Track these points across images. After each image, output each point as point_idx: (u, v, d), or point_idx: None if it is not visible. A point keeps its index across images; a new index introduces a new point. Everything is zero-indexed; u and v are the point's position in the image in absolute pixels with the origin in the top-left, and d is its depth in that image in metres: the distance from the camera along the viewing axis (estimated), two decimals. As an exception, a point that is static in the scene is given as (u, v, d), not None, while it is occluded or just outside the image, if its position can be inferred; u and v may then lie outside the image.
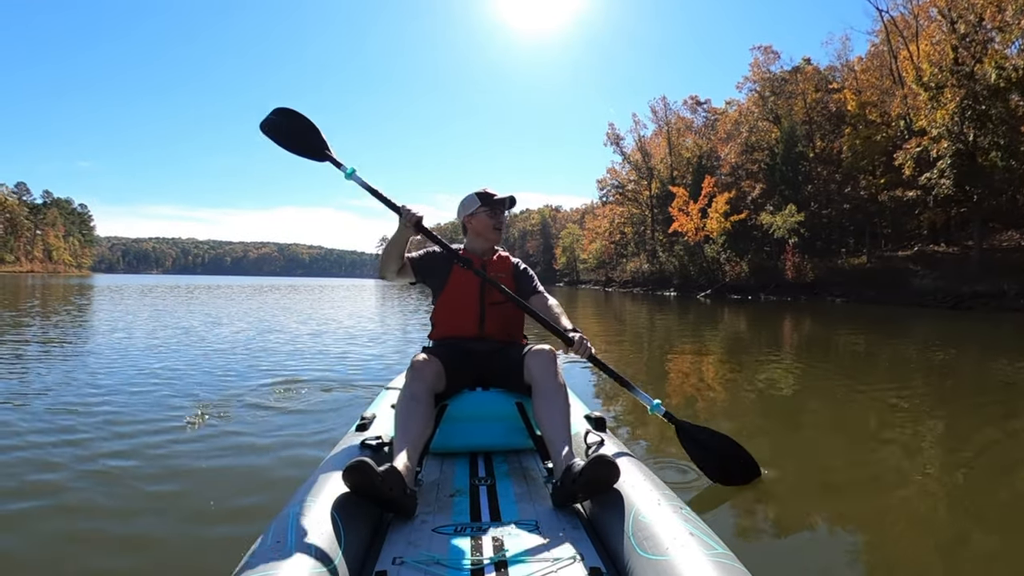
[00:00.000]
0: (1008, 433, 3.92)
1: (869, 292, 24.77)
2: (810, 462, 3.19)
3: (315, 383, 4.86)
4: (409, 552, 1.44)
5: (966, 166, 21.86)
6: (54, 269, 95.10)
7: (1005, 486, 2.90)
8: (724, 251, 34.81)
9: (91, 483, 2.54)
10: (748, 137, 37.48)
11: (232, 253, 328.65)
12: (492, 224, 2.40)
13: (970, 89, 21.43)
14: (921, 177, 23.45)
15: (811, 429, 4.06)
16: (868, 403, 4.74)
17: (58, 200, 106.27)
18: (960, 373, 6.88)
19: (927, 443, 3.64)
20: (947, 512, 2.53)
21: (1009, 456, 3.37)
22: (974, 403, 4.88)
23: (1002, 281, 20.03)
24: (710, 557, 1.22)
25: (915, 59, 25.10)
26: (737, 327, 13.49)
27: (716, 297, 30.49)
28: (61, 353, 6.51)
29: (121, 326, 9.82)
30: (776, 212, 30.48)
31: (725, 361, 7.37)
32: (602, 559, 1.42)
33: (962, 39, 22.28)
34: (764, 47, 36.66)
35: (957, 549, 2.18)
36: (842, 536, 2.26)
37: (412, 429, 1.85)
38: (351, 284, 66.83)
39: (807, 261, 29.98)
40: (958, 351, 9.08)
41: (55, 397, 4.16)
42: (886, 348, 9.31)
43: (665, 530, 1.34)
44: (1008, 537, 2.26)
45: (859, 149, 29.28)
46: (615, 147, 49.58)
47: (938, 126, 22.26)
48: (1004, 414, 4.46)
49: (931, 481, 2.93)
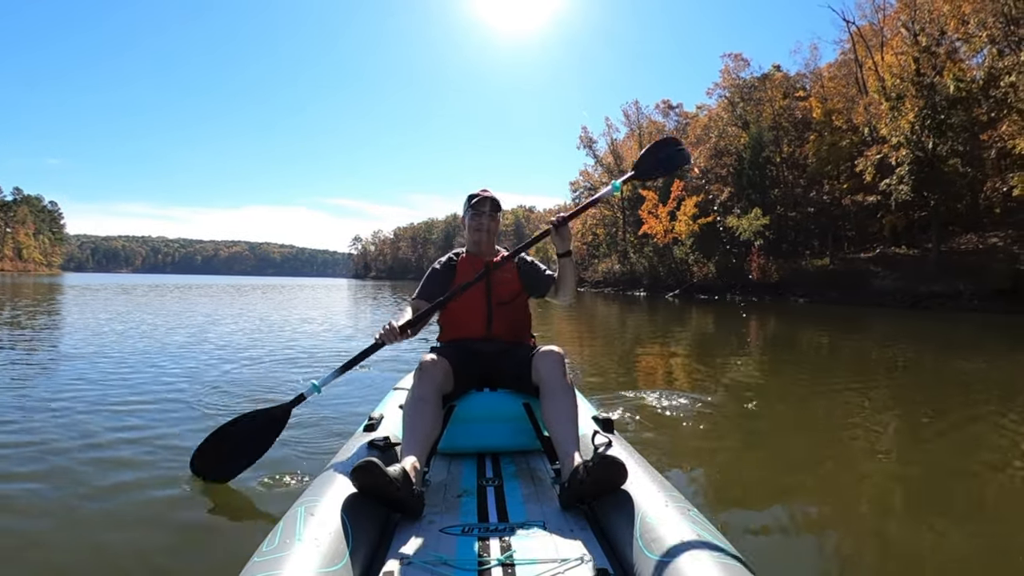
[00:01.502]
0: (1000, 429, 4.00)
1: (831, 292, 25.47)
2: (818, 464, 3.21)
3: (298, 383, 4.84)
4: (416, 552, 1.44)
5: (924, 172, 22.64)
6: (24, 268, 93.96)
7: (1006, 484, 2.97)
8: (692, 252, 35.44)
9: (97, 484, 2.52)
10: (717, 142, 38.22)
11: (203, 252, 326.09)
12: (474, 225, 2.44)
13: (929, 100, 22.22)
14: (881, 183, 24.20)
15: (813, 429, 4.07)
16: (869, 402, 4.80)
17: (28, 197, 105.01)
18: (939, 371, 7.11)
19: (929, 446, 3.65)
20: (955, 513, 2.54)
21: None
22: (964, 403, 4.98)
23: (958, 282, 20.80)
24: (717, 559, 1.21)
25: (879, 69, 25.89)
26: (704, 326, 13.75)
27: (684, 297, 31.00)
28: (51, 355, 6.30)
29: (113, 327, 9.35)
30: (743, 215, 31.17)
31: (694, 359, 7.49)
32: (609, 560, 1.42)
33: (924, 51, 23.07)
34: (735, 55, 37.49)
35: (967, 549, 2.20)
36: (850, 539, 2.26)
37: (420, 429, 1.86)
38: (327, 284, 66.15)
39: (772, 263, 30.72)
40: (919, 349, 9.42)
41: (52, 399, 4.09)
42: (856, 345, 9.62)
43: (673, 532, 1.34)
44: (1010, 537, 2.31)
45: (824, 155, 30.16)
46: (588, 150, 50.32)
47: (898, 135, 23.01)
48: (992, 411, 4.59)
49: (939, 485, 2.92)
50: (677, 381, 5.79)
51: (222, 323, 10.84)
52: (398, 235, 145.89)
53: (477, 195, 2.46)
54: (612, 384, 5.27)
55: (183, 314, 12.73)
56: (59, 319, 11.09)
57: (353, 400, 4.18)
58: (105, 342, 7.38)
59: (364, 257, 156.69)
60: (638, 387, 4.85)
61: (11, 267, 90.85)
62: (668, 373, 6.34)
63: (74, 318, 11.33)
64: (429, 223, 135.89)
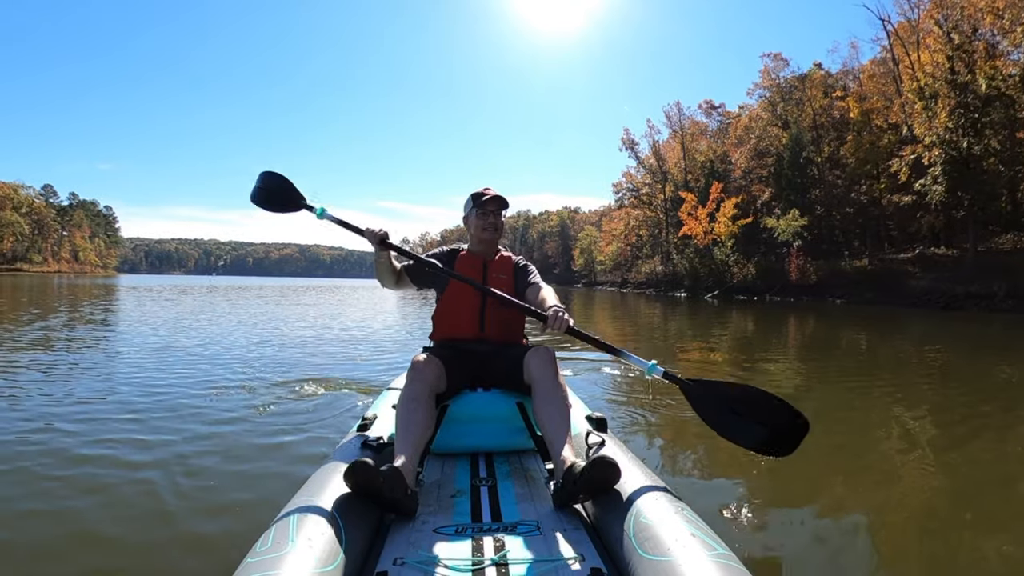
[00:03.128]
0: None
1: (868, 293, 25.75)
2: (811, 461, 3.14)
3: (317, 382, 4.83)
4: (410, 552, 1.44)
5: (958, 172, 22.79)
6: (80, 269, 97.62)
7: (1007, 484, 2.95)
8: (733, 253, 35.90)
9: (92, 483, 2.53)
10: (758, 143, 38.60)
11: (254, 254, 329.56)
12: (482, 225, 2.39)
13: (961, 99, 22.42)
14: (916, 183, 24.49)
15: (816, 429, 4.13)
16: (869, 401, 4.78)
17: (84, 202, 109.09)
18: (959, 373, 7.06)
19: (927, 442, 3.63)
20: (949, 511, 2.55)
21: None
22: (966, 402, 4.97)
23: (993, 282, 20.81)
24: (711, 558, 1.22)
25: (914, 68, 26.02)
26: (745, 327, 13.83)
27: (723, 298, 31.39)
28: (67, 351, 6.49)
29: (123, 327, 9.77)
30: (782, 216, 31.70)
31: (733, 358, 7.57)
32: (603, 560, 1.42)
33: (956, 49, 23.24)
34: (774, 54, 37.85)
35: (960, 549, 2.19)
36: (843, 536, 2.25)
37: (413, 429, 1.85)
38: (377, 285, 64.79)
39: (810, 263, 31.07)
40: (951, 349, 9.44)
41: (48, 396, 4.18)
42: (884, 346, 9.71)
43: (666, 531, 1.34)
44: (1010, 536, 2.29)
45: (863, 155, 30.36)
46: (630, 152, 50.48)
47: (931, 134, 23.28)
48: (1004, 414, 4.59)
49: (934, 480, 2.94)
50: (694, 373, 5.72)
51: (253, 324, 10.71)
52: (444, 237, 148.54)
53: (483, 193, 2.40)
54: (627, 383, 5.27)
55: (225, 315, 12.89)
56: (121, 319, 11.49)
57: (346, 400, 4.14)
58: (122, 343, 7.41)
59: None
60: (644, 385, 4.83)
61: (68, 269, 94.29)
62: (690, 372, 6.40)
63: (129, 318, 11.70)
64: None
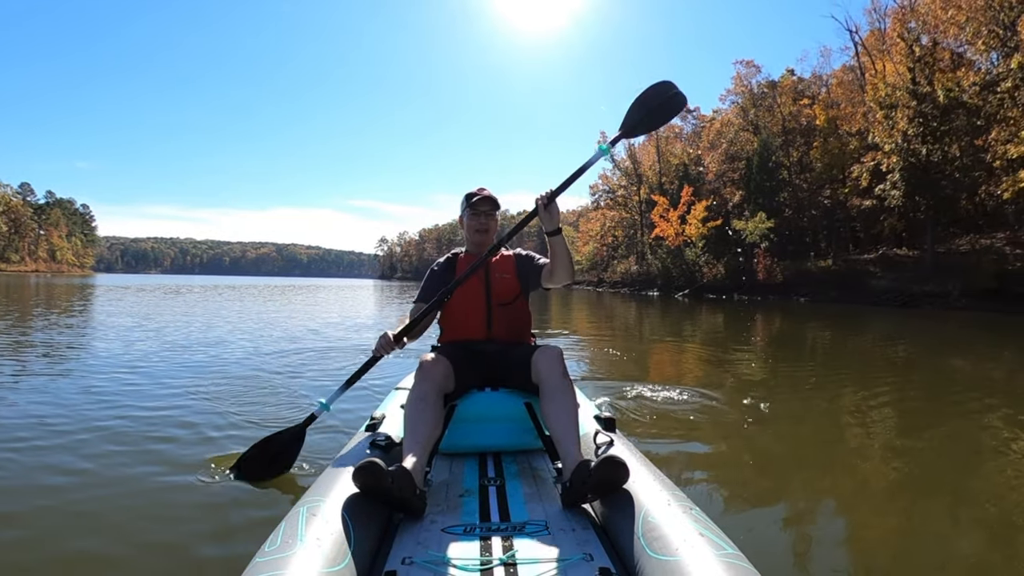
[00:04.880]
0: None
1: (831, 292, 26.66)
2: (818, 461, 3.20)
3: (325, 381, 4.87)
4: (418, 552, 1.44)
5: (916, 178, 23.78)
6: (57, 269, 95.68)
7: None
8: (703, 254, 36.83)
9: (100, 483, 2.55)
10: (729, 147, 39.53)
11: (230, 253, 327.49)
12: (474, 226, 2.43)
13: (918, 109, 23.38)
14: (876, 188, 25.51)
15: (817, 427, 4.08)
16: (877, 406, 4.78)
17: (60, 200, 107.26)
18: (920, 366, 7.44)
19: (936, 444, 3.67)
20: (962, 512, 2.56)
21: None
22: (962, 401, 5.09)
23: (949, 282, 21.77)
24: (720, 558, 1.21)
25: (878, 78, 26.91)
26: (715, 324, 14.29)
27: (693, 296, 32.22)
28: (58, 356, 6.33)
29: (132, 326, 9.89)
30: (750, 219, 32.72)
31: (700, 355, 7.77)
32: (612, 560, 1.42)
33: (918, 61, 24.16)
34: (746, 61, 38.87)
35: (974, 552, 2.20)
36: (852, 536, 2.25)
37: (421, 429, 1.86)
38: (354, 284, 65.14)
39: (777, 264, 32.07)
40: (910, 345, 9.96)
41: (47, 395, 4.24)
42: (848, 342, 10.06)
43: (675, 531, 1.33)
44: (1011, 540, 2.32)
45: (829, 159, 31.42)
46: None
47: (890, 142, 24.25)
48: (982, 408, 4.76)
49: (944, 483, 2.94)
50: (682, 378, 5.86)
51: (244, 326, 10.68)
52: (423, 236, 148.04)
53: (476, 194, 2.43)
54: (618, 379, 5.32)
55: (214, 314, 13.06)
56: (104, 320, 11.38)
57: (355, 400, 4.11)
58: (115, 343, 7.40)
59: (390, 258, 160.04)
60: (644, 383, 4.91)
61: (45, 268, 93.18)
62: (674, 370, 6.58)
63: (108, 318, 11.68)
64: (454, 224, 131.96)
